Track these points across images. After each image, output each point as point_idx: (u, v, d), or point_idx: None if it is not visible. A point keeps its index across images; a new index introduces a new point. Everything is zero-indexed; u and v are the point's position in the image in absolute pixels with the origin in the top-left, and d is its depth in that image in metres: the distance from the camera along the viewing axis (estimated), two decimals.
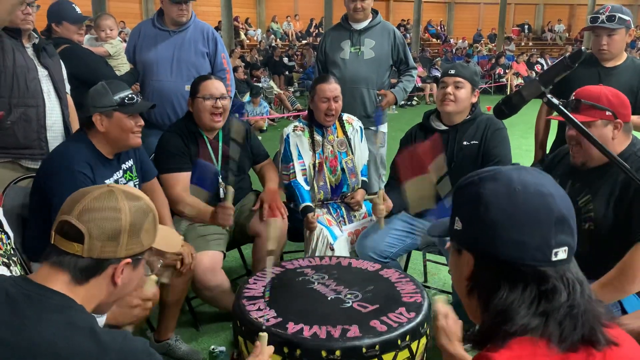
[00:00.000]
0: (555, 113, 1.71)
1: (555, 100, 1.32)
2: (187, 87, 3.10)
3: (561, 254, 0.88)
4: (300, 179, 2.79)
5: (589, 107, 1.84)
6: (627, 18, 2.71)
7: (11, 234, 1.78)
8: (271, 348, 1.50)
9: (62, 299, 1.08)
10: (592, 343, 0.86)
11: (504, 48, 18.46)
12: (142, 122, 2.18)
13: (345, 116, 2.97)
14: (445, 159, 2.54)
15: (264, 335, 1.51)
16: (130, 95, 2.12)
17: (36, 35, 2.53)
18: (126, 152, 2.28)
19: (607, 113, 1.82)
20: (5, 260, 1.64)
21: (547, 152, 3.10)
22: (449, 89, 2.50)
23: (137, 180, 2.36)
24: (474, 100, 2.54)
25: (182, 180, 2.55)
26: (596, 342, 0.86)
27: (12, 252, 1.72)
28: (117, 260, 1.14)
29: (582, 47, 1.86)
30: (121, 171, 2.26)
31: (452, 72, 2.52)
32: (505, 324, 0.86)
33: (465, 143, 2.52)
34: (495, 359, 0.84)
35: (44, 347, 0.99)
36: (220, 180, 2.67)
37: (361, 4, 3.33)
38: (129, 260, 1.16)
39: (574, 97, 1.89)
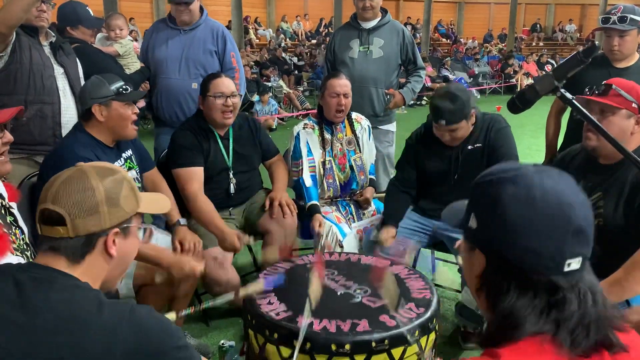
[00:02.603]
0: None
1: (568, 95, 1.33)
2: (194, 85, 3.15)
3: (574, 264, 0.87)
4: (306, 176, 2.80)
5: (617, 94, 1.86)
6: (639, 19, 2.70)
7: (25, 229, 1.81)
8: None
9: (66, 278, 1.11)
10: (606, 347, 0.86)
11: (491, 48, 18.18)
12: (137, 111, 2.26)
13: (354, 115, 2.98)
14: (451, 164, 2.54)
15: None
16: (124, 86, 2.20)
17: (53, 34, 2.57)
18: (125, 142, 2.34)
19: (634, 105, 1.85)
20: (18, 254, 1.67)
21: (558, 151, 3.09)
22: (447, 136, 2.44)
23: (138, 169, 2.42)
24: (473, 121, 2.46)
25: (196, 175, 2.57)
26: (610, 346, 0.86)
27: (25, 247, 1.75)
28: (104, 232, 1.16)
29: (596, 42, 1.84)
30: (122, 159, 2.32)
31: (443, 122, 2.37)
32: (514, 329, 0.86)
33: (469, 147, 2.50)
34: (502, 355, 0.84)
35: (56, 326, 1.03)
36: (230, 175, 2.70)
37: (370, 2, 3.34)
38: (116, 230, 1.17)
39: (604, 83, 1.91)
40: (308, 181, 2.79)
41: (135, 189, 1.25)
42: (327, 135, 2.87)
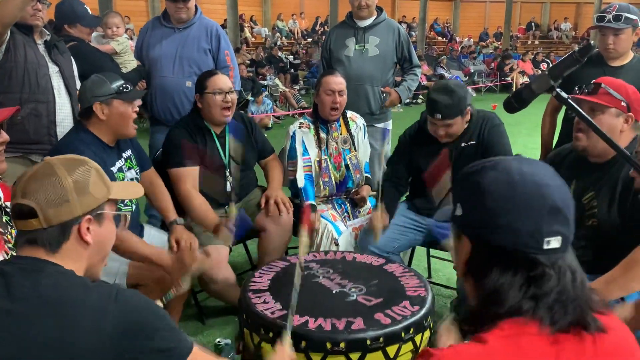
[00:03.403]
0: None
1: (564, 94, 1.33)
2: (188, 84, 3.15)
3: (554, 242, 0.90)
4: (299, 176, 2.79)
5: (606, 93, 1.87)
6: (633, 17, 2.70)
7: None
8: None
9: (52, 266, 1.14)
10: (583, 327, 0.90)
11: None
12: (137, 109, 2.26)
13: (349, 113, 2.99)
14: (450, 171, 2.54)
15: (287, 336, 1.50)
16: (125, 84, 2.21)
17: (48, 33, 2.56)
18: (124, 142, 2.35)
19: (622, 104, 1.86)
20: (14, 253, 1.67)
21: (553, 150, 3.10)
22: (441, 131, 2.42)
23: (137, 168, 2.42)
24: (467, 118, 2.45)
25: (191, 175, 2.57)
26: (587, 326, 0.90)
27: None
28: (76, 220, 1.17)
29: (592, 42, 1.85)
30: (123, 159, 2.32)
31: (439, 116, 2.36)
32: (495, 305, 0.90)
33: (463, 145, 2.50)
34: (487, 338, 0.89)
35: (45, 310, 1.05)
36: (227, 174, 2.70)
37: (366, 1, 3.34)
38: (89, 217, 1.19)
39: (593, 82, 1.92)
40: (301, 181, 2.79)
41: (104, 176, 1.26)
42: (323, 134, 2.87)
